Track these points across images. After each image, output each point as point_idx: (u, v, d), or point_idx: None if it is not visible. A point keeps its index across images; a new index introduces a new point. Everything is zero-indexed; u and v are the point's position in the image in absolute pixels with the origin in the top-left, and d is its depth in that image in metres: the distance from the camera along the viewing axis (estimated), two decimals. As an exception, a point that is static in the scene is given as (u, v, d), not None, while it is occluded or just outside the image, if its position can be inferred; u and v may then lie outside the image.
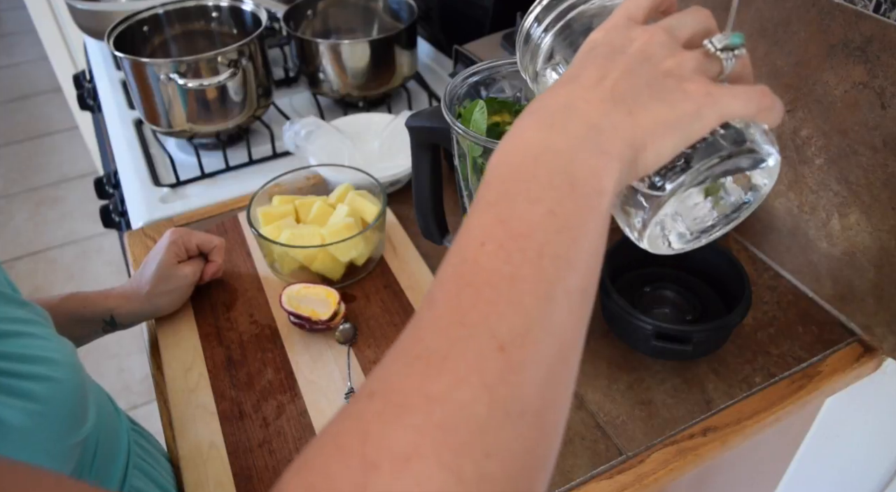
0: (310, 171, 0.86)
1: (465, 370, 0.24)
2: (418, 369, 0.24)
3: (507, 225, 0.28)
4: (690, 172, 0.33)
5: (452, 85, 0.59)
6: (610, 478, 0.60)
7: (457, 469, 0.22)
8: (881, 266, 0.67)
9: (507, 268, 0.26)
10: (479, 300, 0.26)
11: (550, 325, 0.26)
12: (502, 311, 0.25)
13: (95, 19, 1.22)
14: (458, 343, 0.25)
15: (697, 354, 0.67)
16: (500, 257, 0.27)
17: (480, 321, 0.25)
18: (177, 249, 0.73)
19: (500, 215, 0.28)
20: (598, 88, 0.32)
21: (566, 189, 0.28)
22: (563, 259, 0.27)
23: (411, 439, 0.22)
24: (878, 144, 0.63)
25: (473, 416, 0.23)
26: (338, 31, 1.21)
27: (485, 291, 0.26)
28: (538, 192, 0.28)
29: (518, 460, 0.24)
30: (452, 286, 0.27)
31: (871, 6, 0.59)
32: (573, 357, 0.27)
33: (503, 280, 0.26)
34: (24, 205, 2.51)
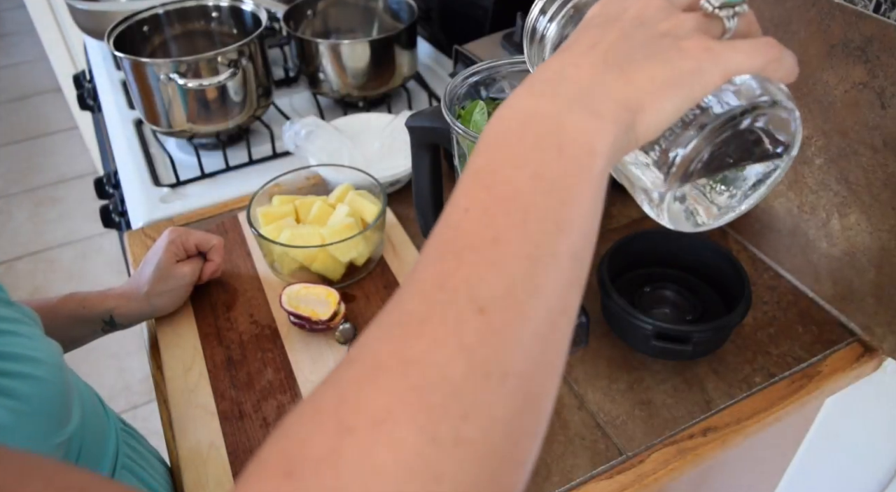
0: (310, 171, 0.86)
1: (443, 333, 0.23)
2: (396, 333, 0.24)
3: (491, 190, 0.27)
4: (703, 135, 0.32)
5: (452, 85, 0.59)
6: (610, 478, 0.60)
7: (432, 431, 0.21)
8: (881, 266, 0.67)
9: (489, 232, 0.26)
10: (460, 264, 0.25)
11: (535, 288, 0.25)
12: (483, 274, 0.25)
13: (95, 19, 1.22)
14: (437, 307, 0.24)
15: (697, 354, 0.67)
16: (482, 222, 0.26)
17: (461, 284, 0.24)
18: (175, 249, 0.73)
19: (484, 181, 0.27)
20: (590, 54, 0.31)
21: (553, 152, 0.27)
22: (551, 222, 0.26)
23: (385, 402, 0.22)
24: (878, 144, 0.63)
25: (449, 378, 0.22)
26: (338, 31, 1.21)
27: (466, 255, 0.25)
28: (524, 156, 0.27)
29: (499, 425, 0.23)
30: (434, 253, 0.26)
31: (871, 6, 0.59)
32: (563, 323, 0.26)
33: (485, 243, 0.25)
34: (23, 205, 2.51)
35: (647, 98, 0.29)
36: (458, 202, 0.27)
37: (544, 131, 0.28)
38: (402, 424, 0.21)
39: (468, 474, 0.22)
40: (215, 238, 0.77)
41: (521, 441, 0.24)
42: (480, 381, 0.23)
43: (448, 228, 0.27)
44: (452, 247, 0.26)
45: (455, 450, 0.21)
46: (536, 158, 0.27)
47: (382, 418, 0.21)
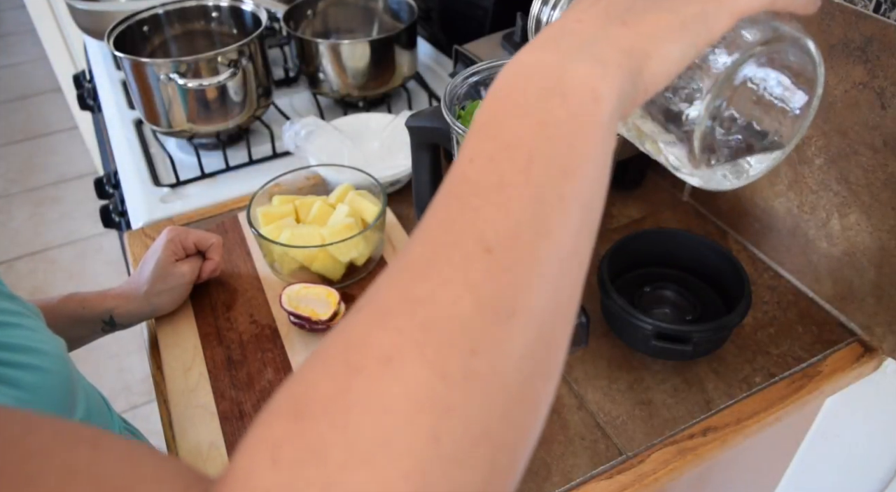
0: (310, 171, 0.86)
1: (450, 272, 0.23)
2: (403, 277, 0.24)
3: (496, 139, 0.27)
4: (719, 79, 0.31)
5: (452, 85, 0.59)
6: (610, 478, 0.60)
7: (440, 366, 0.21)
8: (881, 266, 0.67)
9: (494, 177, 0.25)
10: (465, 209, 0.25)
11: (542, 229, 0.25)
12: (488, 215, 0.24)
13: (95, 19, 1.22)
14: (443, 249, 0.24)
15: (697, 354, 0.67)
16: (487, 169, 0.26)
17: (467, 227, 0.24)
18: (174, 248, 0.73)
19: (489, 132, 0.27)
20: (591, 9, 0.31)
21: (557, 99, 0.27)
22: (556, 166, 0.26)
23: (393, 340, 0.22)
24: (878, 144, 0.63)
25: (457, 314, 0.22)
26: (338, 31, 1.21)
27: (471, 200, 0.25)
28: (527, 105, 0.27)
29: (510, 361, 0.23)
30: (440, 202, 0.26)
31: (871, 6, 0.59)
32: (573, 266, 0.26)
33: (490, 188, 0.25)
34: (23, 205, 2.51)
35: (650, 44, 0.29)
36: (464, 154, 0.27)
37: (547, 81, 0.28)
38: (410, 360, 0.21)
39: (479, 408, 0.21)
40: (214, 237, 0.77)
41: (533, 380, 0.23)
42: (489, 317, 0.23)
43: (453, 178, 0.27)
44: (457, 194, 0.26)
45: (465, 384, 0.21)
46: (540, 106, 0.27)
47: (390, 356, 0.21)
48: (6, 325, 0.45)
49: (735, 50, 0.32)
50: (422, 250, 0.25)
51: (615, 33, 0.29)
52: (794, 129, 0.36)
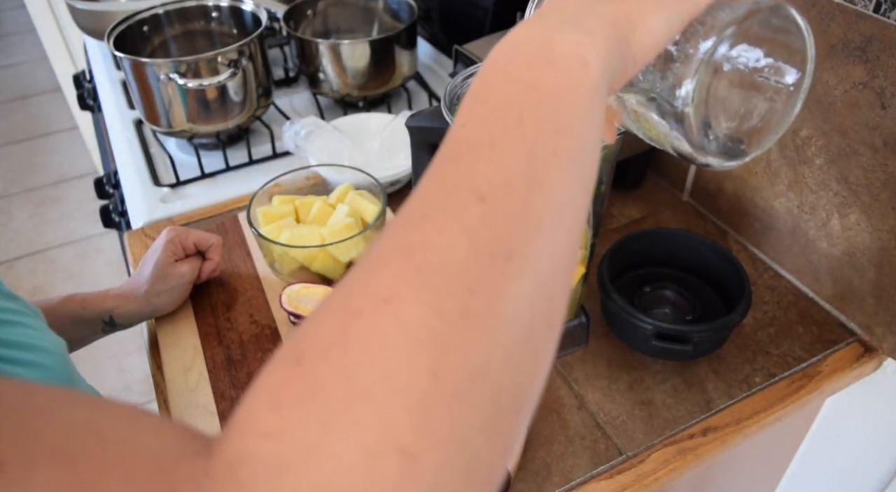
0: (310, 171, 0.86)
1: (444, 220, 0.24)
2: (399, 231, 0.24)
3: (487, 104, 0.27)
4: (706, 55, 0.32)
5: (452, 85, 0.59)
6: (610, 478, 0.60)
7: (437, 305, 0.22)
8: (881, 266, 0.67)
9: (486, 135, 0.26)
10: (458, 165, 0.26)
11: (535, 181, 0.25)
12: (481, 168, 0.25)
13: (95, 19, 1.22)
14: (438, 201, 0.25)
15: (697, 354, 0.67)
16: (479, 129, 0.27)
17: (460, 180, 0.25)
18: (173, 248, 0.73)
19: (480, 98, 0.28)
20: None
21: (545, 65, 0.28)
22: (547, 124, 0.27)
23: (390, 284, 0.22)
24: (878, 144, 0.63)
25: (453, 258, 0.23)
26: (338, 31, 1.21)
27: (464, 156, 0.26)
28: (517, 73, 0.28)
29: (508, 303, 0.23)
30: (435, 164, 0.27)
31: (871, 6, 0.59)
32: (569, 218, 0.26)
33: (482, 145, 0.26)
34: (23, 205, 2.51)
35: (636, 15, 0.30)
36: (457, 120, 0.28)
37: (535, 51, 0.29)
38: (408, 300, 0.22)
39: (477, 346, 0.22)
40: (214, 237, 0.77)
41: (532, 325, 0.24)
42: (485, 260, 0.23)
43: (447, 142, 0.27)
44: (451, 153, 0.27)
45: (463, 322, 0.22)
46: (529, 73, 0.28)
47: (387, 298, 0.22)
48: (6, 323, 0.45)
49: (718, 25, 0.33)
50: (417, 205, 0.25)
51: (600, 7, 0.30)
52: (788, 104, 0.37)
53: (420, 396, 0.20)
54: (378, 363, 0.20)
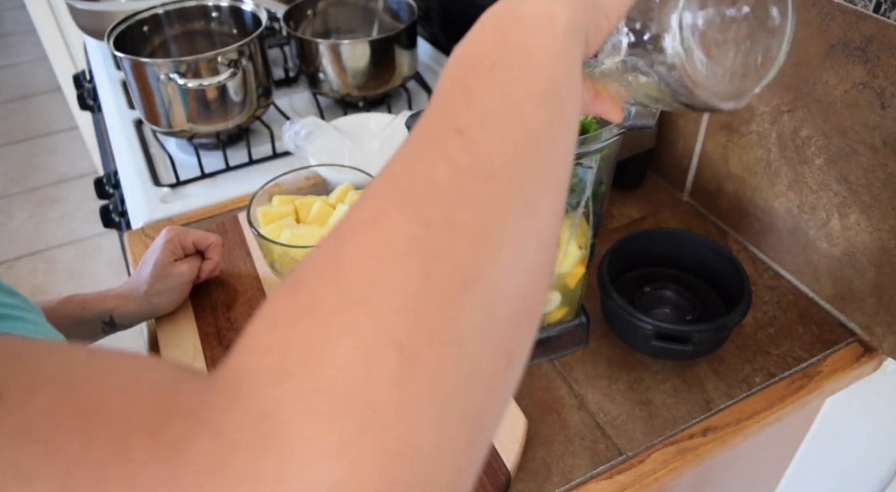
0: (310, 171, 0.86)
1: (425, 150, 0.25)
2: (384, 171, 0.25)
3: (460, 62, 0.29)
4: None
5: (452, 85, 0.59)
6: (610, 478, 0.60)
7: (422, 218, 0.22)
8: (881, 266, 0.67)
9: (460, 84, 0.28)
10: (436, 110, 0.27)
11: (512, 115, 0.26)
12: (456, 108, 0.26)
13: (95, 19, 1.22)
14: (420, 139, 0.26)
15: (697, 354, 0.67)
16: (454, 82, 0.28)
17: (438, 121, 0.26)
18: (173, 248, 0.73)
19: (456, 62, 0.30)
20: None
21: (513, 25, 0.30)
22: (518, 70, 0.28)
23: (375, 205, 0.23)
24: (878, 144, 0.63)
25: (436, 180, 0.24)
26: (338, 31, 1.21)
27: (441, 103, 0.27)
28: (487, 37, 0.30)
29: (493, 217, 0.24)
30: (417, 119, 0.28)
31: (871, 6, 0.59)
32: (548, 148, 0.27)
33: (457, 92, 0.27)
34: (24, 205, 2.51)
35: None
36: (437, 85, 0.29)
37: (503, 16, 0.30)
38: (393, 216, 0.22)
39: (465, 252, 0.22)
40: (213, 236, 0.77)
41: (520, 237, 0.24)
42: (467, 179, 0.24)
43: (429, 103, 0.29)
44: (431, 107, 0.28)
45: (449, 230, 0.22)
46: (499, 33, 0.30)
47: (373, 218, 0.23)
48: (7, 317, 0.44)
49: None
50: (401, 150, 0.26)
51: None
52: (778, 35, 0.37)
53: (412, 297, 0.21)
54: (369, 272, 0.21)
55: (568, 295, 0.66)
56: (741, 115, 0.77)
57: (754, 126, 0.76)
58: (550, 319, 0.68)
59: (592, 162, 0.54)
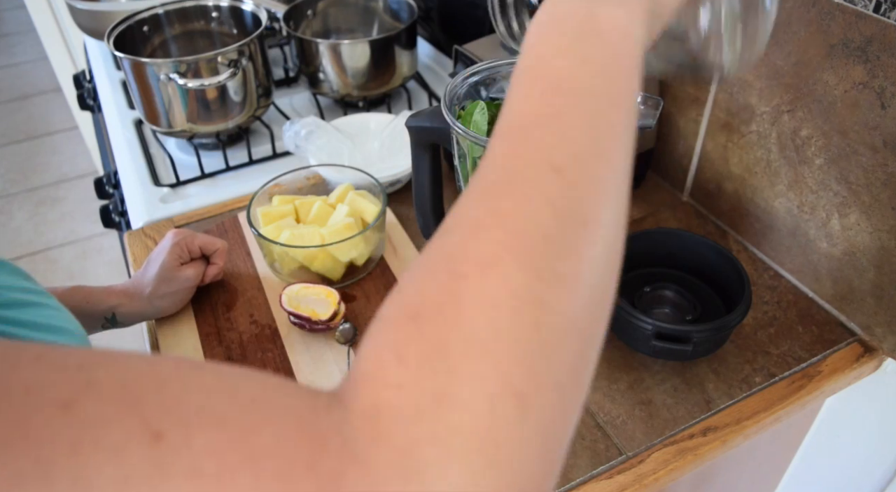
0: (310, 171, 0.86)
1: (528, 189, 0.27)
2: (485, 198, 0.27)
3: (545, 79, 0.30)
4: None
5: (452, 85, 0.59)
6: (610, 478, 0.60)
7: (534, 269, 0.24)
8: (881, 266, 0.67)
9: (550, 109, 0.29)
10: (528, 138, 0.28)
11: (599, 150, 0.28)
12: (552, 142, 0.28)
13: (95, 19, 1.22)
14: (518, 172, 0.27)
15: (697, 354, 0.67)
16: (542, 103, 0.29)
17: (534, 153, 0.28)
18: (179, 251, 0.73)
19: (536, 73, 0.31)
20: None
21: (594, 39, 0.31)
22: (603, 97, 0.29)
23: (490, 249, 0.25)
24: (878, 144, 0.63)
25: (542, 225, 0.26)
26: (338, 31, 1.21)
27: (532, 130, 0.28)
28: (568, 46, 0.31)
29: (588, 263, 0.26)
30: (503, 136, 0.29)
31: (871, 6, 0.59)
32: (625, 182, 0.30)
33: (549, 120, 0.29)
34: (24, 205, 2.51)
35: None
36: (516, 94, 0.30)
37: (581, 24, 0.31)
38: (510, 265, 0.24)
39: (568, 303, 0.25)
40: (219, 242, 0.77)
41: (604, 281, 0.27)
42: (567, 226, 0.26)
43: (510, 115, 0.30)
44: (518, 126, 0.29)
45: (557, 283, 0.25)
46: (580, 46, 0.31)
47: (491, 263, 0.24)
48: (30, 304, 0.44)
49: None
50: (497, 176, 0.28)
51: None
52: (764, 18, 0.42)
53: (528, 347, 0.23)
54: (491, 320, 0.23)
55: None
56: (741, 115, 0.77)
57: (754, 126, 0.76)
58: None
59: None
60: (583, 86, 0.29)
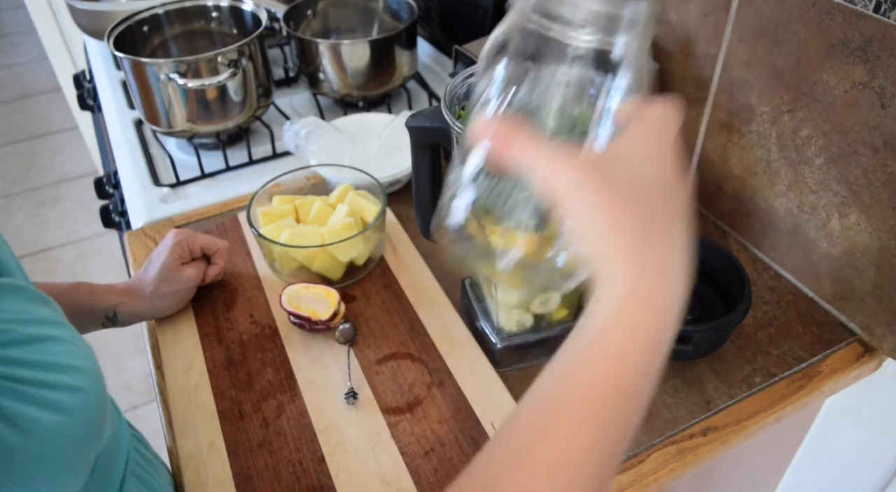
0: (310, 171, 0.86)
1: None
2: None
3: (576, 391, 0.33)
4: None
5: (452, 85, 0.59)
6: (610, 478, 0.60)
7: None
8: (881, 266, 0.67)
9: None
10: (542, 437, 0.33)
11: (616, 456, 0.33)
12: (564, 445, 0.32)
13: (95, 19, 1.22)
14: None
15: (697, 354, 0.67)
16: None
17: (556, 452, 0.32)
18: (180, 251, 0.73)
19: (577, 378, 0.33)
20: (632, 226, 0.36)
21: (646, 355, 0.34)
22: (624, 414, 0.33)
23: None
24: (878, 144, 0.63)
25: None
26: (338, 31, 1.21)
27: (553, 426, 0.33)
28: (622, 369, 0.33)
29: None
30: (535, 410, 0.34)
31: (871, 6, 0.59)
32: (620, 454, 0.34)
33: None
34: (24, 205, 2.51)
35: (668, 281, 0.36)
36: (553, 379, 0.35)
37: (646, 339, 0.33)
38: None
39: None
40: (220, 242, 0.77)
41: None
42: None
43: (538, 397, 0.34)
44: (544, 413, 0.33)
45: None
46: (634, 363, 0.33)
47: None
48: (45, 340, 0.42)
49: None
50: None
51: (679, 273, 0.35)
52: None
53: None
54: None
55: (568, 295, 0.65)
56: (741, 115, 0.77)
57: (754, 126, 0.76)
58: (550, 319, 0.68)
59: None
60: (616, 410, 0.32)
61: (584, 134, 0.35)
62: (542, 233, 0.37)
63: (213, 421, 0.65)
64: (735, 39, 0.75)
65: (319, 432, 0.63)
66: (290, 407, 0.66)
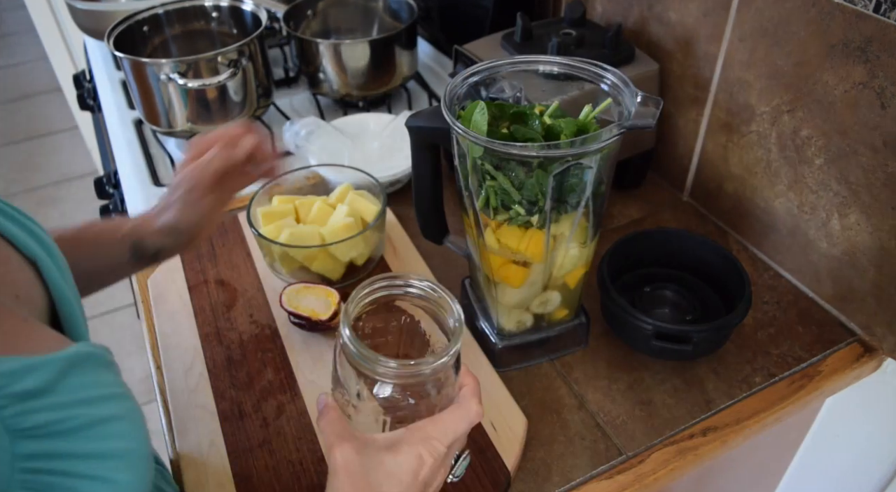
0: (310, 171, 0.86)
1: None
2: None
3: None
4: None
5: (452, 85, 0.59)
6: (610, 478, 0.60)
7: None
8: (881, 266, 0.67)
9: None
10: None
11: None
12: None
13: (95, 19, 1.22)
14: None
15: (697, 354, 0.67)
16: None
17: None
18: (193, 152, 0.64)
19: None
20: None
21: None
22: None
23: None
24: (878, 144, 0.63)
25: None
26: (338, 31, 1.21)
27: None
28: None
29: None
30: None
31: (871, 6, 0.59)
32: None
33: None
34: (24, 205, 2.50)
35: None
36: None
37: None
38: None
39: None
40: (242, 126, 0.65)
41: None
42: None
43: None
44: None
45: None
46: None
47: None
48: (98, 423, 0.36)
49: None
50: None
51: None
52: None
53: None
54: None
55: (568, 295, 0.66)
56: (741, 115, 0.77)
57: (754, 126, 0.76)
58: (551, 320, 0.68)
59: (592, 162, 0.54)
60: None
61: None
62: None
63: (213, 421, 0.65)
64: (735, 39, 0.75)
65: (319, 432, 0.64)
66: (290, 407, 0.66)
